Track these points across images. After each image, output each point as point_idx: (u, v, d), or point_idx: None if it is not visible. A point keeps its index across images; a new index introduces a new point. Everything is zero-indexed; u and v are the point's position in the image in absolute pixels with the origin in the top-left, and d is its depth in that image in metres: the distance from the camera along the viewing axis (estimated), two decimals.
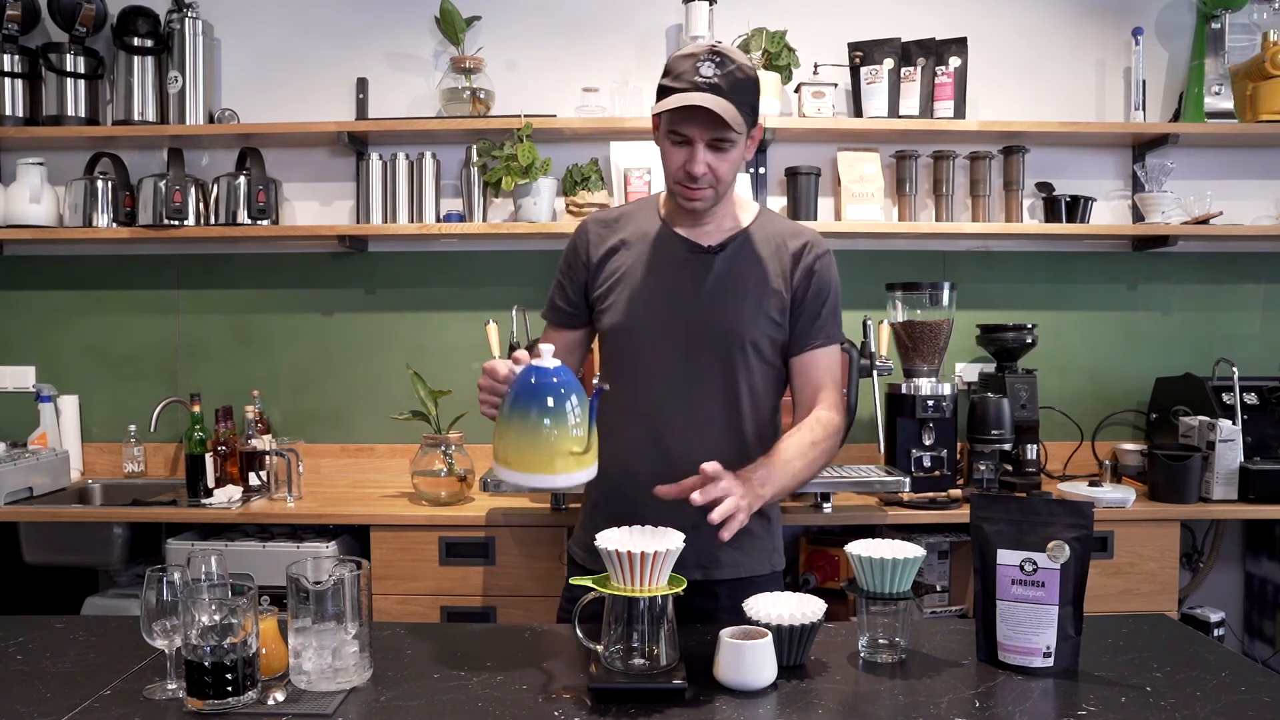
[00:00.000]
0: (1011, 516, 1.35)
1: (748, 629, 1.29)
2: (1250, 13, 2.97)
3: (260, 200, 2.89)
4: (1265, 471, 2.58)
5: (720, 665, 1.25)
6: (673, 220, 1.65)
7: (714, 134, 1.50)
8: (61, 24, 2.94)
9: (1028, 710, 1.19)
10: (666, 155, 1.57)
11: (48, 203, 2.95)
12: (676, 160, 1.54)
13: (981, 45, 2.97)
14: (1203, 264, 3.09)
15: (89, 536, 2.60)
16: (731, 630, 1.27)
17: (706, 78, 1.48)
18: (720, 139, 1.51)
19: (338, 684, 1.24)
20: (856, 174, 2.94)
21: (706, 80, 1.48)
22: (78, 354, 3.12)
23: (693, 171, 1.52)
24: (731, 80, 1.49)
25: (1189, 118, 2.93)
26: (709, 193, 1.56)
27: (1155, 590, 2.53)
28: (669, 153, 1.55)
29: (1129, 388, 3.08)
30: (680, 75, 1.50)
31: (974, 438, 2.68)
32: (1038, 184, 3.01)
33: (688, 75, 1.49)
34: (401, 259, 3.09)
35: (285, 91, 3.06)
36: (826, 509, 2.53)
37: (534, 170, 2.79)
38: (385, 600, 2.49)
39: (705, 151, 1.52)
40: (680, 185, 1.56)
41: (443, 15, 2.89)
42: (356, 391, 3.09)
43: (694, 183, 1.54)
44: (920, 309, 2.69)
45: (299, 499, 2.68)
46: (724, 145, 1.52)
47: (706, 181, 1.54)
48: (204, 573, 1.25)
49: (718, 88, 1.48)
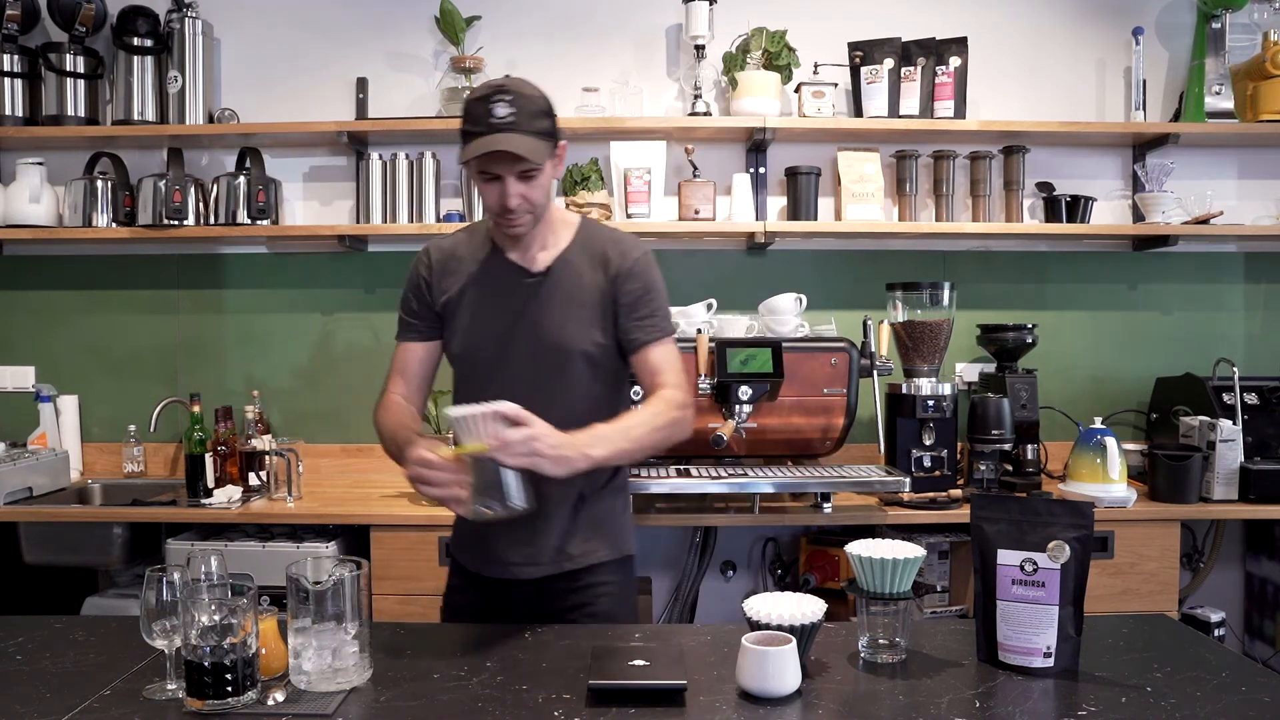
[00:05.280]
0: (1012, 516, 1.35)
1: (770, 634, 1.27)
2: (1250, 13, 2.97)
3: (260, 200, 2.89)
4: (1265, 471, 2.58)
5: (743, 672, 1.24)
6: (502, 244, 1.76)
7: (520, 167, 1.60)
8: (61, 24, 2.94)
9: (1028, 710, 1.19)
10: (482, 192, 1.67)
11: (47, 203, 2.95)
12: (492, 197, 1.64)
13: (981, 45, 2.97)
14: (1203, 264, 3.09)
15: (89, 536, 2.60)
16: (753, 636, 1.26)
17: (501, 118, 1.58)
18: (526, 171, 1.61)
19: (338, 684, 1.24)
20: (856, 174, 2.94)
21: (501, 120, 1.58)
22: (78, 354, 3.12)
23: (508, 205, 1.62)
24: (524, 113, 1.59)
25: (1189, 118, 2.93)
26: (527, 218, 1.66)
27: (1155, 590, 2.52)
28: (484, 190, 1.66)
29: (1129, 388, 3.08)
30: (477, 119, 1.59)
31: (974, 438, 2.68)
32: (1038, 184, 3.01)
33: (483, 119, 1.58)
34: (401, 259, 3.08)
35: (285, 91, 3.06)
36: (826, 509, 2.53)
37: None
38: (385, 600, 2.49)
39: (516, 183, 1.62)
40: (500, 217, 1.66)
41: (443, 15, 2.89)
42: (356, 391, 3.09)
43: (511, 214, 1.64)
44: (920, 309, 2.68)
45: (299, 499, 2.68)
46: (532, 174, 1.62)
47: (523, 209, 1.64)
48: (204, 573, 1.25)
49: (512, 125, 1.58)
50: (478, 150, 1.58)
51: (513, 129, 1.58)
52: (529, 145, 1.58)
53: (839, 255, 3.06)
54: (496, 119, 1.58)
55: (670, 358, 1.74)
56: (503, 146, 1.56)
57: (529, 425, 1.45)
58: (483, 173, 1.63)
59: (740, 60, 2.92)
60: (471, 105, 1.62)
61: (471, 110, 1.62)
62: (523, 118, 1.59)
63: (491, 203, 1.66)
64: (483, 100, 1.60)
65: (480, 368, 1.75)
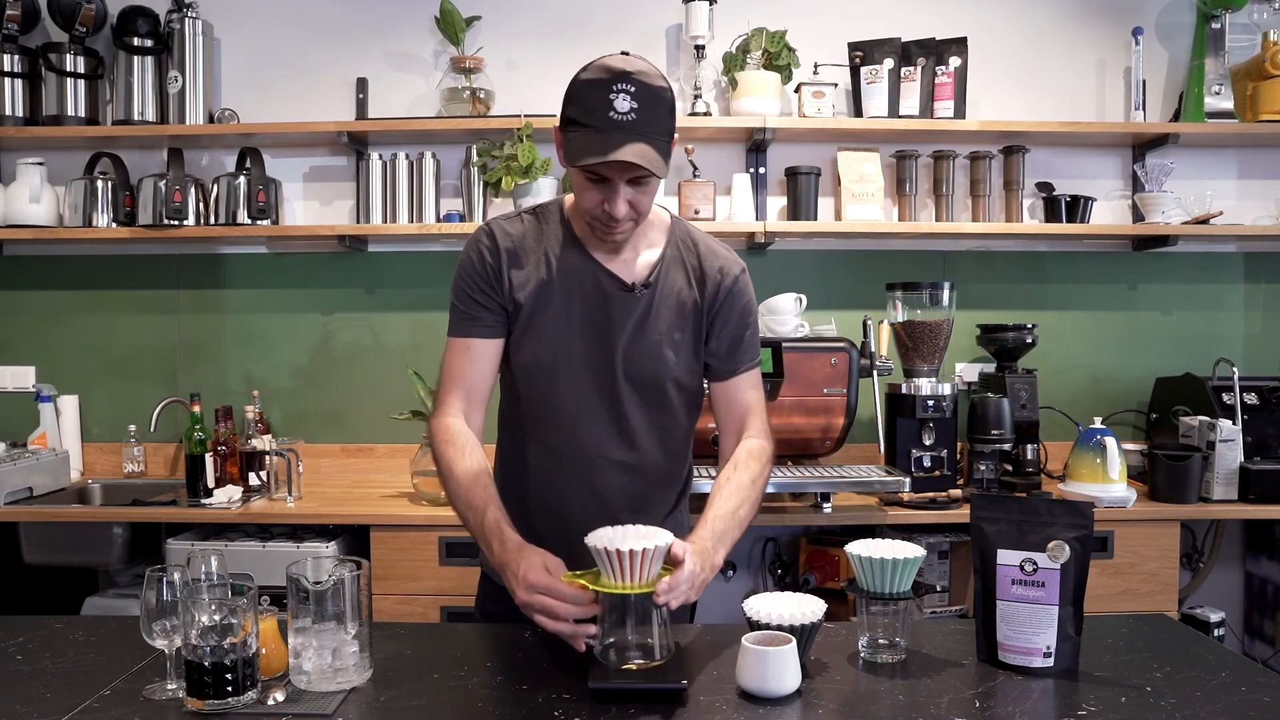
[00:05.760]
0: (1011, 516, 1.35)
1: (770, 634, 1.27)
2: (1250, 13, 2.97)
3: (260, 200, 2.89)
4: (1265, 471, 2.58)
5: (743, 672, 1.23)
6: (587, 241, 1.53)
7: (634, 174, 1.38)
8: (61, 24, 2.94)
9: (1028, 710, 1.19)
10: (580, 191, 1.44)
11: (48, 203, 2.95)
12: (594, 199, 1.42)
13: (981, 45, 2.97)
14: (1203, 264, 3.09)
15: (89, 536, 2.60)
16: (753, 636, 1.26)
17: (623, 113, 1.33)
18: (641, 177, 1.39)
19: (338, 684, 1.24)
20: (856, 174, 2.94)
21: (622, 116, 1.33)
22: (78, 354, 3.12)
23: (614, 213, 1.41)
24: (648, 109, 1.35)
25: (1189, 118, 2.93)
26: (629, 226, 1.45)
27: (1155, 590, 2.52)
28: (584, 189, 1.42)
29: (1129, 388, 3.08)
30: (591, 110, 1.34)
31: (974, 438, 2.68)
32: (1038, 184, 3.01)
33: (599, 111, 1.34)
34: (401, 259, 3.09)
35: (285, 91, 3.06)
36: (826, 509, 2.53)
37: (534, 170, 2.79)
38: (385, 600, 2.49)
39: (626, 189, 1.40)
40: (598, 222, 1.45)
41: (443, 15, 2.89)
42: (356, 391, 3.09)
43: (615, 223, 1.43)
44: (920, 309, 2.68)
45: (299, 499, 2.68)
46: (645, 181, 1.40)
47: (628, 218, 1.43)
48: (204, 573, 1.25)
49: (634, 125, 1.34)
50: (594, 157, 1.33)
51: (635, 130, 1.33)
52: (652, 155, 1.34)
53: (839, 255, 3.06)
54: (617, 114, 1.33)
55: (760, 391, 1.60)
56: (625, 157, 1.32)
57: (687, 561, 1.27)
58: (587, 172, 1.39)
59: (740, 60, 2.92)
60: (584, 89, 1.36)
61: (583, 95, 1.36)
62: (646, 113, 1.34)
63: (592, 206, 1.42)
64: (601, 87, 1.34)
65: (555, 385, 1.52)
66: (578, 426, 1.54)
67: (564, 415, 1.54)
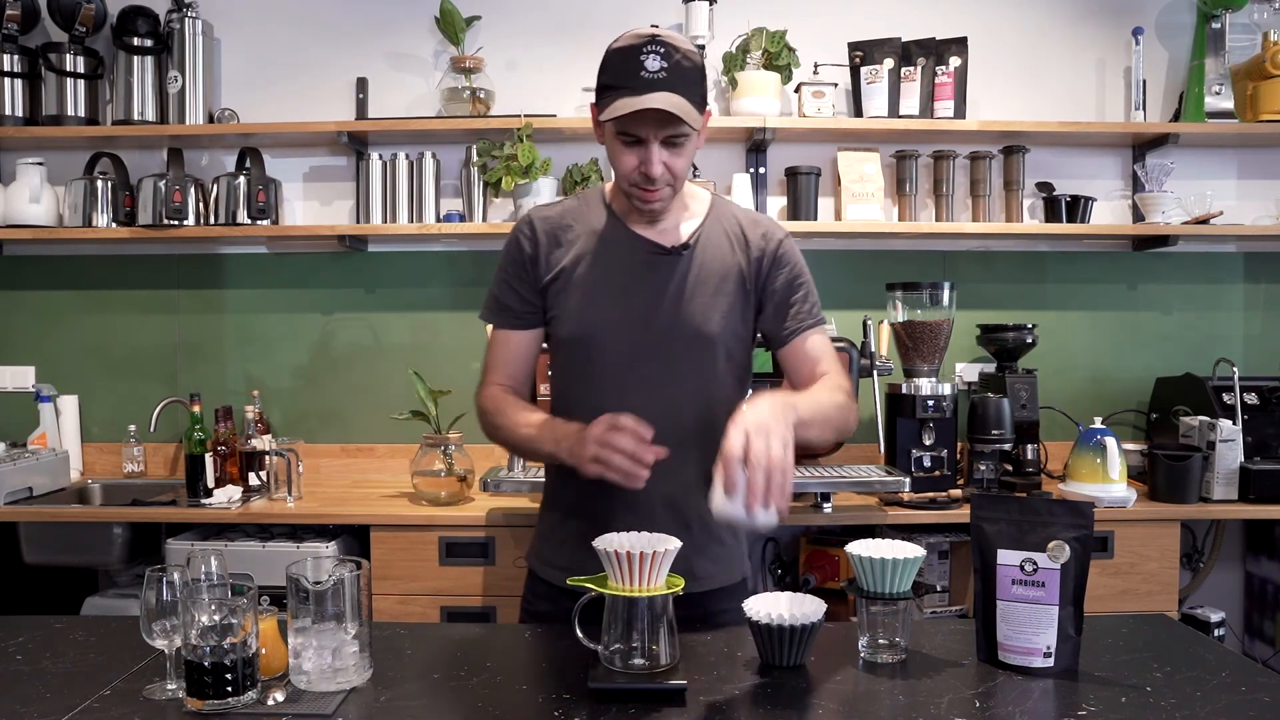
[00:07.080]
0: (1011, 516, 1.35)
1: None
2: (1250, 12, 2.97)
3: (260, 200, 2.89)
4: (1265, 471, 2.58)
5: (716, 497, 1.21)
6: (626, 217, 1.57)
7: (669, 131, 1.42)
8: (61, 24, 2.94)
9: (1028, 710, 1.19)
10: (617, 156, 1.47)
11: (48, 203, 2.95)
12: (630, 163, 1.46)
13: (981, 45, 2.97)
14: (1203, 264, 3.09)
15: (89, 536, 2.60)
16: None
17: (653, 72, 1.38)
18: (675, 135, 1.43)
19: (338, 684, 1.24)
20: (856, 174, 2.94)
21: (653, 75, 1.38)
22: (78, 354, 3.12)
23: (650, 174, 1.45)
24: (679, 70, 1.40)
25: (1189, 118, 2.93)
26: (666, 191, 1.49)
27: (1155, 590, 2.52)
28: (620, 154, 1.46)
29: (1129, 388, 3.08)
30: (624, 73, 1.40)
31: (974, 438, 2.68)
32: (1038, 184, 3.01)
33: (632, 73, 1.39)
34: (401, 259, 3.09)
35: (285, 91, 3.06)
36: (826, 509, 2.53)
37: (534, 170, 2.79)
38: (385, 600, 2.49)
39: (660, 150, 1.44)
40: (636, 188, 1.48)
41: (443, 15, 2.89)
42: (356, 391, 3.09)
43: (651, 184, 1.46)
44: (920, 309, 2.68)
45: (299, 499, 2.68)
46: (679, 141, 1.44)
47: (664, 181, 1.47)
48: (204, 573, 1.25)
49: (666, 81, 1.38)
50: (626, 108, 1.36)
51: (665, 86, 1.37)
52: (684, 104, 1.38)
53: (839, 255, 3.06)
54: (649, 73, 1.37)
55: (829, 348, 1.58)
56: (658, 105, 1.36)
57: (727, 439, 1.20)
58: (623, 134, 1.43)
59: (740, 60, 2.92)
60: (616, 56, 1.41)
61: (615, 62, 1.41)
62: (676, 74, 1.38)
63: (628, 169, 1.46)
64: (631, 51, 1.39)
65: (600, 355, 1.53)
66: (623, 394, 1.52)
67: (608, 383, 1.53)
